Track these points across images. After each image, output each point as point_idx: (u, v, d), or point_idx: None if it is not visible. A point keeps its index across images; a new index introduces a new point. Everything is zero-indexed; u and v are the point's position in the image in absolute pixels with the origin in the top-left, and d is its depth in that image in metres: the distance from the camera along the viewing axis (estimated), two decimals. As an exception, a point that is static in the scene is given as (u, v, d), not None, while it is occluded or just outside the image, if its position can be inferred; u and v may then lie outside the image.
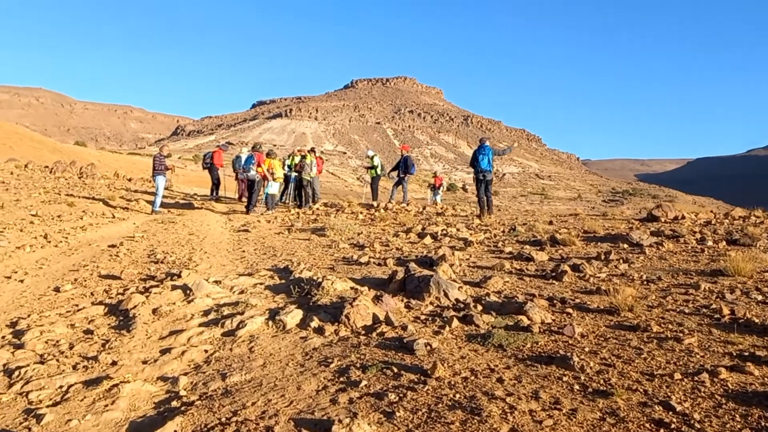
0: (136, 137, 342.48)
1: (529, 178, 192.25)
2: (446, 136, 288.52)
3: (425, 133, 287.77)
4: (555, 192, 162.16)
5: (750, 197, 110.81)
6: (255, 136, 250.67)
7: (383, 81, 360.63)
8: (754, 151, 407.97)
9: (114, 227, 12.29)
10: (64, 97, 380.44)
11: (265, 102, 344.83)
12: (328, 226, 10.90)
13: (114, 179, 24.95)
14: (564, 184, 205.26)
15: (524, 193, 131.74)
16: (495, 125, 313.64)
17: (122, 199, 17.49)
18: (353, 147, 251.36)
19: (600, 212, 29.95)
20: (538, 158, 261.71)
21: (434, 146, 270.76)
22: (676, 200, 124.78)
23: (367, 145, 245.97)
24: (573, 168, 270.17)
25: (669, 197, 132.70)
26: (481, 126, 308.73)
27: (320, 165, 19.16)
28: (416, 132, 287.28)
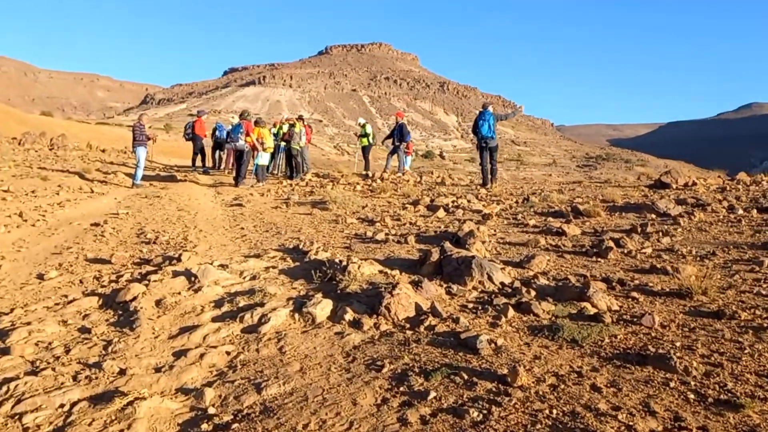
0: (104, 106, 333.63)
1: (504, 145, 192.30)
2: (423, 103, 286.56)
3: (401, 100, 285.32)
4: (530, 158, 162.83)
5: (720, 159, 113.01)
6: (228, 104, 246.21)
7: (358, 47, 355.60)
8: (724, 115, 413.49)
9: (94, 203, 11.45)
10: (28, 65, 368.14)
11: (237, 69, 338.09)
12: (329, 198, 10.22)
13: (87, 150, 23.80)
14: (539, 150, 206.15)
15: (500, 160, 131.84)
16: (471, 91, 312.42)
17: (99, 171, 16.53)
18: (329, 115, 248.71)
19: (589, 179, 29.71)
20: (513, 124, 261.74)
21: (411, 113, 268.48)
22: (647, 164, 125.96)
23: (343, 113, 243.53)
24: (548, 134, 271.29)
25: (641, 161, 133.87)
26: (457, 92, 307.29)
27: (309, 134, 18.38)
28: (392, 99, 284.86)
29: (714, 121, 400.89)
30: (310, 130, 18.76)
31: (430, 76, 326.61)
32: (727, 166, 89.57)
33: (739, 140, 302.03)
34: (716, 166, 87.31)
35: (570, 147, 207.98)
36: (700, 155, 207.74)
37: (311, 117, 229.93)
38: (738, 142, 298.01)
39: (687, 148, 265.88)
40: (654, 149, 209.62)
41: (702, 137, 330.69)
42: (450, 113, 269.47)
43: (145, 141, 14.73)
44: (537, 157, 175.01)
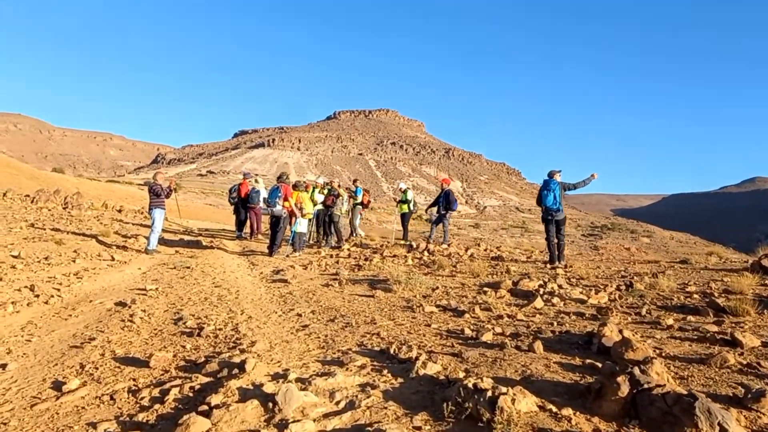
0: (115, 165, 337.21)
1: (509, 211, 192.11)
2: (428, 168, 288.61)
3: (407, 165, 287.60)
4: (535, 225, 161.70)
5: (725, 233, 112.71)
6: (237, 165, 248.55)
7: (366, 113, 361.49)
8: (728, 188, 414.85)
9: (116, 274, 10.03)
10: (43, 123, 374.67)
11: (247, 131, 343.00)
12: (390, 277, 8.78)
13: (103, 210, 22.56)
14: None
15: (505, 226, 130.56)
16: (476, 158, 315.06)
17: (117, 235, 15.19)
18: (336, 177, 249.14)
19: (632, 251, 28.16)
20: (518, 191, 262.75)
21: (416, 178, 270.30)
22: (653, 235, 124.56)
23: (349, 176, 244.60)
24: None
25: (647, 232, 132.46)
26: (462, 159, 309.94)
27: (367, 197, 17.26)
28: (398, 164, 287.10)
29: (717, 194, 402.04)
30: (368, 194, 17.59)
31: (436, 142, 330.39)
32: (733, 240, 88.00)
33: (743, 213, 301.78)
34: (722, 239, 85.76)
35: (574, 215, 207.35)
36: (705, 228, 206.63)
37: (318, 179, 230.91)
38: (742, 215, 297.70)
39: (691, 221, 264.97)
40: (658, 220, 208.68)
41: (705, 210, 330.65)
42: (455, 179, 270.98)
43: (162, 202, 13.41)
44: (542, 225, 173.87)
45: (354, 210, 17.42)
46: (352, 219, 17.54)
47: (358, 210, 17.54)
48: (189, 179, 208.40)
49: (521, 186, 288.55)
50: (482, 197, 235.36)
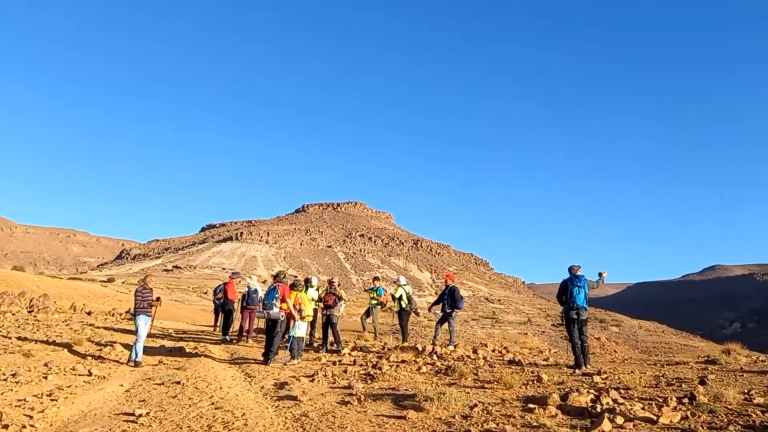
0: (77, 261, 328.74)
1: (479, 302, 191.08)
2: (397, 259, 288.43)
3: (376, 256, 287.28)
4: (505, 316, 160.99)
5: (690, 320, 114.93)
6: (204, 260, 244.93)
7: (334, 206, 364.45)
8: (689, 276, 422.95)
9: (96, 393, 8.73)
10: (4, 220, 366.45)
11: (215, 225, 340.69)
12: (418, 393, 7.73)
13: (71, 313, 20.98)
14: (513, 308, 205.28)
15: (475, 317, 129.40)
16: (444, 249, 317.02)
17: (91, 342, 13.80)
18: (304, 270, 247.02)
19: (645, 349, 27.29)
20: (486, 282, 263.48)
21: (385, 269, 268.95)
22: (621, 324, 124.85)
23: (318, 269, 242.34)
24: (521, 292, 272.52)
25: (616, 321, 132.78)
26: (431, 250, 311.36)
27: (386, 296, 16.20)
28: (367, 255, 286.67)
29: (680, 282, 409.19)
30: (387, 293, 16.48)
31: (404, 234, 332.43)
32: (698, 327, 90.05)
33: (705, 301, 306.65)
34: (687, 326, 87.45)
35: (543, 305, 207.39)
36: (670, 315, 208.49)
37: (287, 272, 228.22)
38: (705, 303, 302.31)
39: (656, 309, 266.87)
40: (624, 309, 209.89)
41: (670, 298, 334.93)
42: (424, 270, 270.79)
43: (148, 308, 12.23)
44: (512, 315, 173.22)
45: (375, 309, 16.41)
46: (375, 318, 16.52)
47: (378, 310, 16.54)
48: (155, 275, 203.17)
49: (490, 276, 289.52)
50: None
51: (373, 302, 16.42)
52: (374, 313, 16.51)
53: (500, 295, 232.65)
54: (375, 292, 16.44)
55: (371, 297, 16.52)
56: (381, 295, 16.41)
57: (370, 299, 16.59)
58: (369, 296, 16.73)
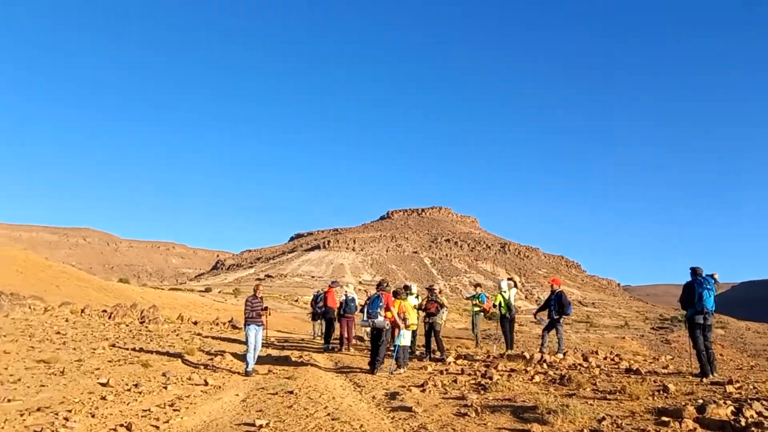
0: (177, 273, 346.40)
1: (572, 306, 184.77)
2: (484, 263, 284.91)
3: (463, 261, 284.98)
4: (600, 319, 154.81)
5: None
6: (293, 268, 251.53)
7: (418, 211, 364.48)
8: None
9: (214, 403, 8.94)
10: (110, 236, 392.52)
11: (303, 235, 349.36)
12: (540, 404, 7.36)
13: (179, 323, 21.92)
14: (609, 311, 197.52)
15: (569, 321, 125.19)
16: (533, 252, 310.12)
17: (202, 352, 14.27)
18: (391, 277, 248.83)
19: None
20: (579, 285, 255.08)
21: (472, 274, 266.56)
22: (728, 326, 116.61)
23: (405, 275, 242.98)
24: (616, 294, 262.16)
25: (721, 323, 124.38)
26: (519, 253, 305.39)
27: (489, 303, 15.90)
28: (453, 260, 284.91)
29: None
30: (490, 300, 16.09)
31: (490, 237, 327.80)
32: None
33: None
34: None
35: (641, 308, 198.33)
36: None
37: (373, 279, 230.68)
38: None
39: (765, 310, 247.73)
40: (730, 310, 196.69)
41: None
42: (512, 273, 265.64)
43: (258, 318, 12.39)
44: (607, 319, 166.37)
45: (477, 317, 16.11)
46: (477, 326, 16.23)
47: (480, 317, 16.22)
48: (248, 284, 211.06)
49: (582, 279, 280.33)
50: (542, 292, 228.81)
51: (475, 309, 16.06)
52: (476, 321, 16.15)
53: (594, 298, 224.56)
54: (477, 298, 16.07)
55: (473, 304, 16.16)
56: (483, 302, 16.03)
57: (472, 306, 16.25)
58: (471, 303, 16.37)
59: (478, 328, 16.36)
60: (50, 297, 32.73)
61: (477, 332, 16.38)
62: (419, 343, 15.24)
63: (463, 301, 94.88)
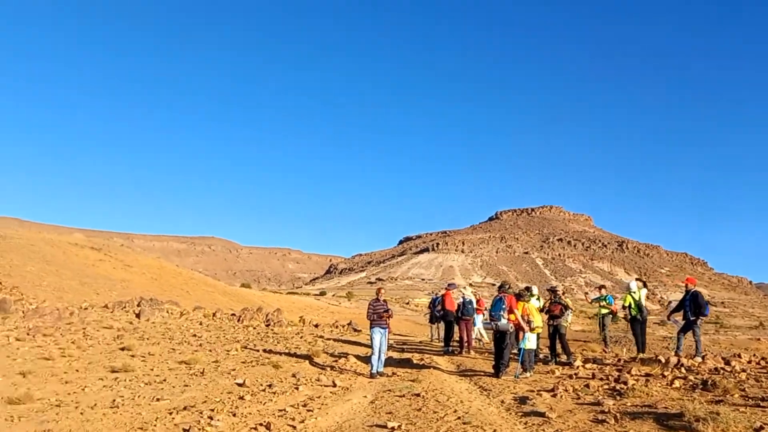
0: (293, 277, 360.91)
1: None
2: (600, 263, 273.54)
3: (577, 261, 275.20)
4: (731, 320, 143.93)
5: None
6: (404, 271, 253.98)
7: (528, 211, 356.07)
8: None
9: (344, 404, 9.15)
10: (232, 243, 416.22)
11: (411, 237, 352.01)
12: (688, 413, 6.88)
13: (301, 326, 22.75)
14: (741, 310, 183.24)
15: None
16: (653, 249, 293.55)
17: (326, 354, 14.70)
18: (502, 278, 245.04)
19: None
20: (706, 283, 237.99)
21: (588, 274, 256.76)
22: None
23: (516, 276, 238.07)
24: (748, 293, 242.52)
25: None
26: (638, 251, 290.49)
27: (616, 306, 15.33)
28: (567, 260, 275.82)
29: None
30: (616, 300, 15.48)
31: (606, 236, 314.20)
32: None
33: None
34: None
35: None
36: None
37: (484, 281, 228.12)
38: None
39: None
40: None
41: None
42: (631, 273, 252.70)
43: (381, 321, 12.50)
44: (739, 319, 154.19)
45: (606, 319, 15.50)
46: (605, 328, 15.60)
47: (609, 320, 15.58)
48: (360, 287, 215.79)
49: (709, 277, 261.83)
50: (665, 291, 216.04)
51: (603, 311, 15.38)
52: (605, 323, 15.45)
53: (723, 297, 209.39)
54: (604, 300, 15.38)
55: (600, 306, 15.48)
56: (611, 304, 15.31)
57: (599, 308, 15.56)
58: (598, 305, 15.67)
59: (607, 330, 15.64)
60: (182, 301, 35.14)
61: (606, 335, 15.66)
62: (542, 346, 14.81)
63: (578, 303, 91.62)
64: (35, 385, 10.20)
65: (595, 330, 37.62)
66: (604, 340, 15.70)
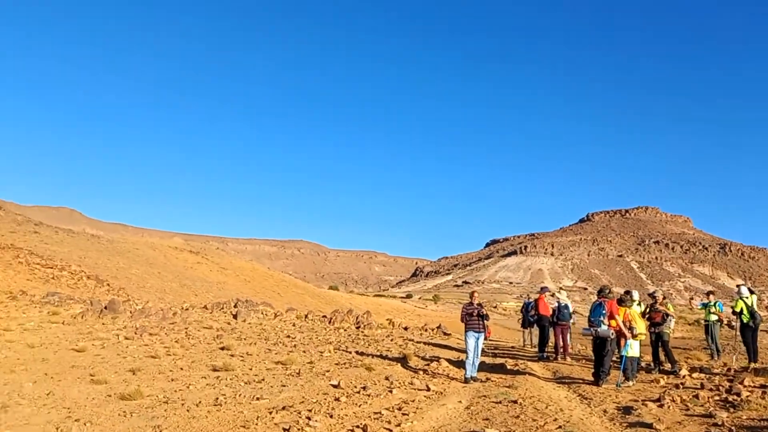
0: (379, 280, 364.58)
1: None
2: (701, 267, 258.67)
3: (675, 264, 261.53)
4: None
5: None
6: (491, 275, 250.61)
7: (622, 212, 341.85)
8: None
9: (439, 409, 9.06)
10: (320, 246, 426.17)
11: (498, 240, 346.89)
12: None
13: (390, 329, 22.86)
14: None
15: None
16: (759, 252, 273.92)
17: (417, 357, 14.66)
18: (594, 282, 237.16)
19: None
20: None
21: (687, 279, 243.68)
22: None
23: (609, 280, 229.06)
24: None
25: None
26: (742, 254, 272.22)
27: (725, 312, 14.47)
28: (664, 264, 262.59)
29: None
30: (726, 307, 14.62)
31: (707, 238, 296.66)
32: None
33: None
34: None
35: None
36: None
37: (575, 284, 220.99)
38: None
39: None
40: None
41: None
42: (735, 277, 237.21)
43: (477, 325, 12.23)
44: None
45: (714, 326, 14.67)
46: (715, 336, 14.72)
47: (718, 327, 14.72)
48: (446, 290, 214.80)
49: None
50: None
51: (712, 318, 14.47)
52: (714, 331, 14.53)
53: None
54: (714, 306, 14.47)
55: (710, 312, 14.57)
56: (721, 311, 14.39)
57: (707, 314, 14.66)
58: (707, 312, 14.76)
59: (717, 338, 14.70)
60: (274, 303, 36.23)
61: (717, 344, 14.71)
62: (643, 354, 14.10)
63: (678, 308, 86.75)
64: (144, 382, 10.79)
65: (696, 337, 35.56)
66: (715, 349, 14.74)
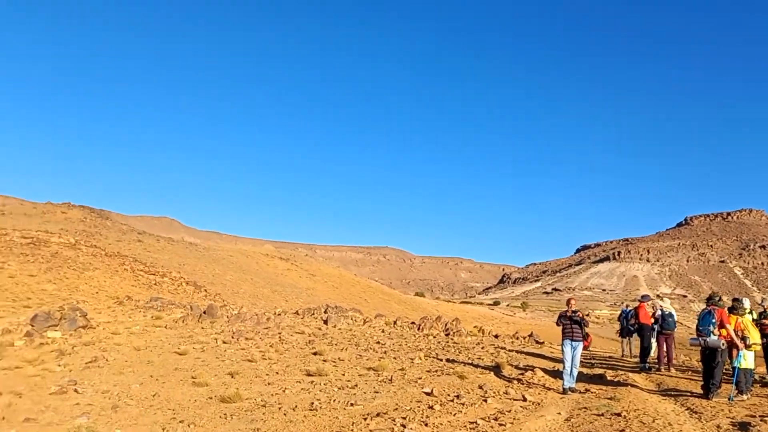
0: (465, 286, 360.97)
1: None
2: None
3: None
4: None
5: None
6: (582, 281, 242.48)
7: (723, 215, 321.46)
8: None
9: (536, 420, 8.76)
10: (405, 253, 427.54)
11: (589, 246, 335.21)
12: None
13: (480, 336, 22.49)
14: None
15: None
16: None
17: (511, 366, 14.29)
18: (694, 289, 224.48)
19: None
20: None
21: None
22: None
23: (711, 287, 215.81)
24: None
25: None
26: None
27: None
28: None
29: None
30: None
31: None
32: None
33: None
34: None
35: None
36: None
37: (673, 292, 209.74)
38: None
39: None
40: None
41: None
42: None
43: (575, 333, 11.68)
44: None
45: None
46: None
47: None
48: (535, 297, 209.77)
49: None
50: None
51: None
52: None
53: None
54: None
55: None
56: None
57: None
58: None
59: None
60: (361, 309, 36.59)
61: None
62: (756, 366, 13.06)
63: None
64: (242, 386, 11.12)
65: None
66: None
